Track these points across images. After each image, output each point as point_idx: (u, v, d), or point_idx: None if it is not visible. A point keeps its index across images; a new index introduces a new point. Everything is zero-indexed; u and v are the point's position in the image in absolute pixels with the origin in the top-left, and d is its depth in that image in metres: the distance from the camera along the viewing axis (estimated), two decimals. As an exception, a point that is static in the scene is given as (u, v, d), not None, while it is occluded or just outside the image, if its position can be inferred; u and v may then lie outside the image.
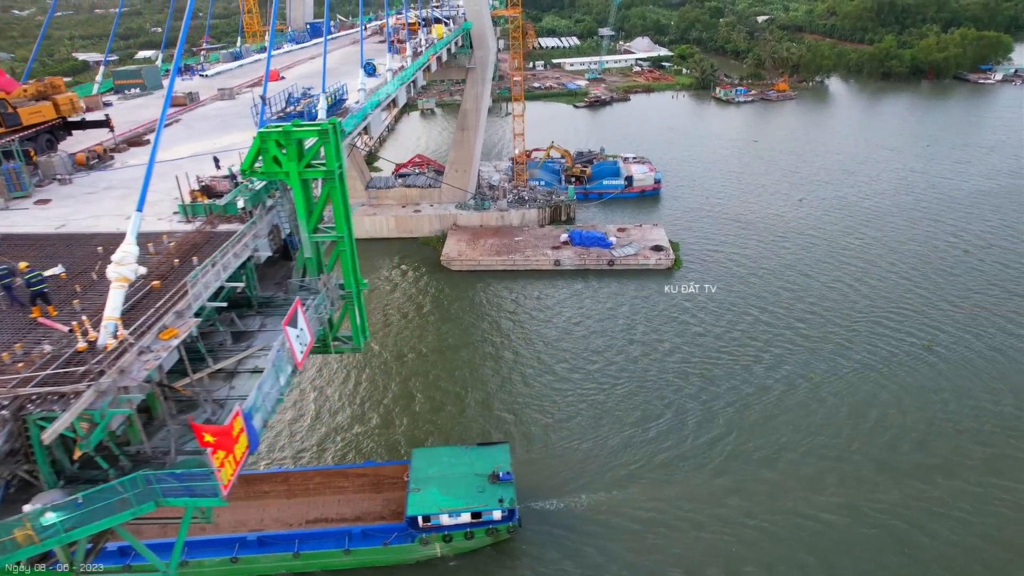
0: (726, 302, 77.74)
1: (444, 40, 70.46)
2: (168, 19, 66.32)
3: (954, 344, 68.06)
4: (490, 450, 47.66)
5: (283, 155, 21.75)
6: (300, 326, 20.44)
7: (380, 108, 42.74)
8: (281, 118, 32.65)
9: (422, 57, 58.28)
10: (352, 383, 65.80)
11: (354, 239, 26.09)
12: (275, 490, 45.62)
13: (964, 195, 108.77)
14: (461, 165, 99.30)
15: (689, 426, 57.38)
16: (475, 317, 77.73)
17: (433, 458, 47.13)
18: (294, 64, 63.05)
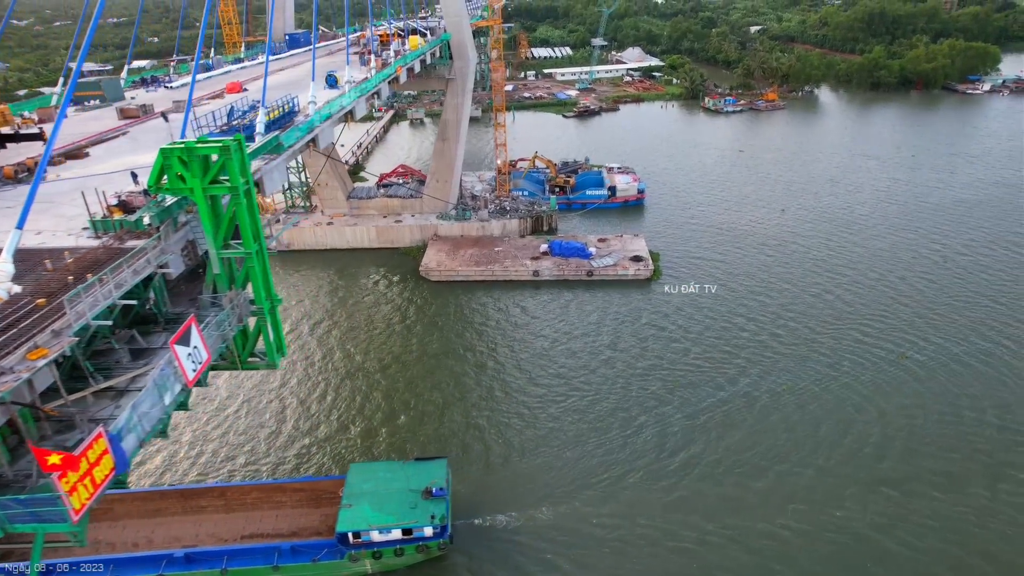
0: (706, 312, 77.32)
1: (415, 52, 70.25)
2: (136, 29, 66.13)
3: (934, 353, 67.64)
4: (427, 465, 47.21)
5: (187, 172, 21.32)
6: (194, 344, 19.97)
7: (332, 120, 42.31)
8: (224, 132, 32.32)
9: (388, 69, 57.94)
10: (324, 393, 65.24)
11: (267, 254, 25.60)
12: (212, 505, 44.99)
13: (946, 204, 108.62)
14: (442, 175, 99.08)
15: (663, 442, 56.72)
16: (451, 328, 77.24)
17: (369, 473, 46.64)
18: (274, 73, 62.78)
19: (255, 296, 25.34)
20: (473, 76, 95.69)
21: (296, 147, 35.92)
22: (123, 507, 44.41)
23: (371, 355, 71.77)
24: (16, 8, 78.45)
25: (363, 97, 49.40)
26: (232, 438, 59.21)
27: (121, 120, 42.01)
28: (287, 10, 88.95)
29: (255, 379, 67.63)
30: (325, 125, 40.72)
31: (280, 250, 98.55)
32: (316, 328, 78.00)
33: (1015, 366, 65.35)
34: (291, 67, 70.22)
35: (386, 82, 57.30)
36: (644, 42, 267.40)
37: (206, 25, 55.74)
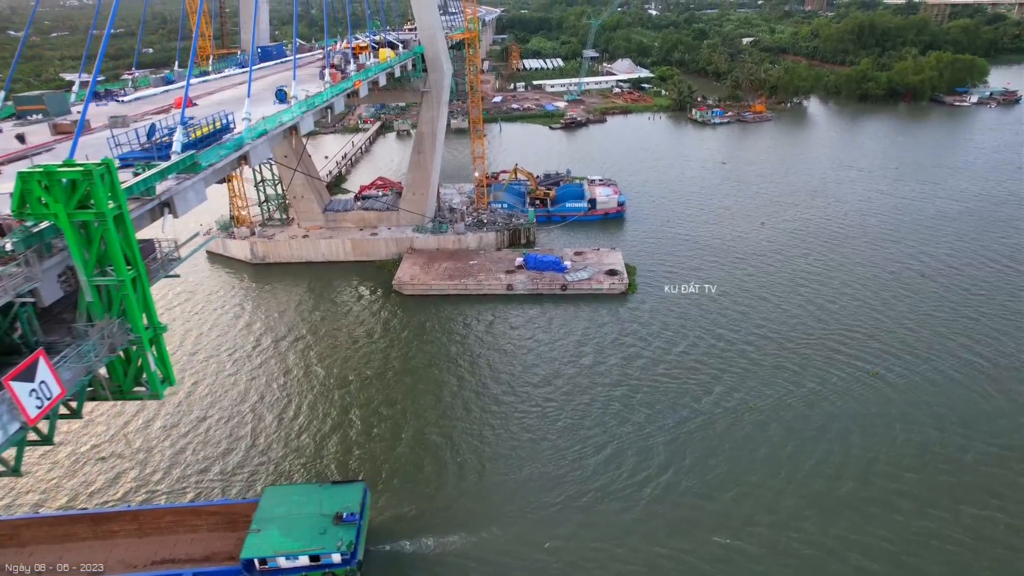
0: (679, 326, 76.56)
1: (378, 66, 69.72)
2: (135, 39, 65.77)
3: (909, 369, 66.80)
4: (343, 489, 46.39)
5: (49, 196, 20.53)
6: (42, 378, 19.14)
7: (269, 138, 41.54)
8: (145, 150, 31.68)
9: (344, 82, 57.26)
10: (288, 411, 64.29)
11: (146, 281, 24.71)
12: (124, 529, 43.86)
13: (928, 217, 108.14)
14: (418, 188, 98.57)
15: (622, 461, 55.75)
16: (422, 343, 76.35)
17: (283, 497, 45.75)
18: (223, 89, 62.36)
19: (132, 325, 24.39)
20: (449, 88, 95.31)
21: (220, 166, 35.10)
22: (30, 532, 43.26)
23: (339, 371, 70.90)
24: (14, 19, 78.89)
25: (310, 112, 48.63)
26: (189, 456, 58.25)
27: (53, 136, 41.30)
28: (262, 23, 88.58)
29: (215, 398, 66.79)
30: (258, 142, 39.90)
31: (255, 263, 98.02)
32: (285, 343, 77.15)
33: (991, 382, 64.51)
34: (256, 80, 69.55)
35: (342, 96, 56.66)
36: (635, 54, 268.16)
37: (182, 38, 55.49)
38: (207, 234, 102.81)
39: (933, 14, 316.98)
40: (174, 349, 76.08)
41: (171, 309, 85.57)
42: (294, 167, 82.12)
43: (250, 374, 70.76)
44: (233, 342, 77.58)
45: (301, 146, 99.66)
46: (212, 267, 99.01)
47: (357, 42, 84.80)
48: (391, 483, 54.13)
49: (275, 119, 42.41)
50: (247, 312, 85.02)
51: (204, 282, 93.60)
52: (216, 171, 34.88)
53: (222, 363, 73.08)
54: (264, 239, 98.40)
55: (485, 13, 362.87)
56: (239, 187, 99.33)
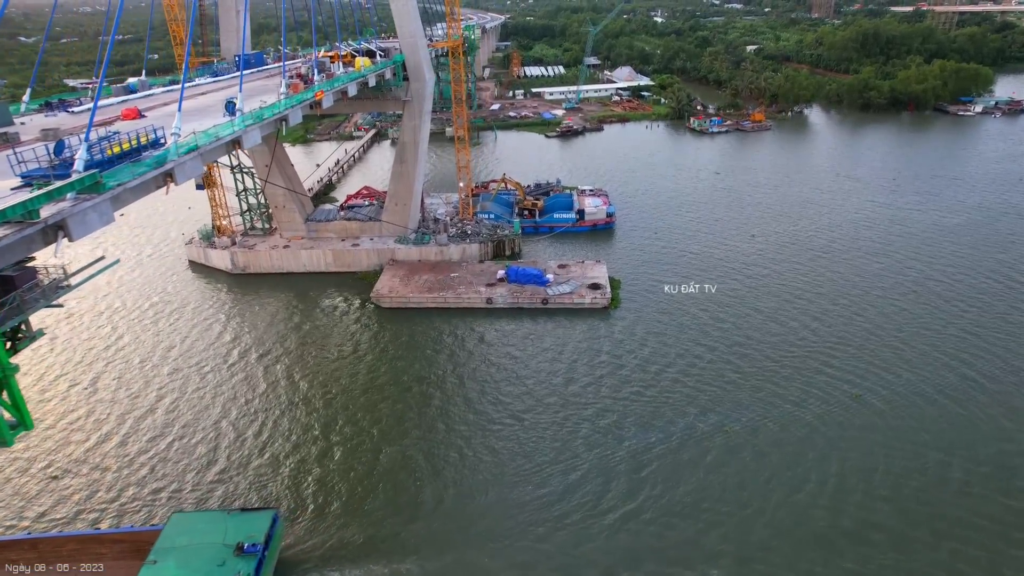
0: (659, 343, 74.49)
1: (349, 76, 68.08)
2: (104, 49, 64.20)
3: (888, 391, 64.48)
4: (252, 517, 44.53)
5: None
6: None
7: (201, 153, 39.77)
8: (53, 168, 30.12)
9: (303, 93, 55.57)
10: (256, 425, 62.69)
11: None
12: (22, 558, 41.87)
13: (923, 229, 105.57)
14: (401, 199, 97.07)
15: (591, 487, 53.69)
16: (396, 358, 74.54)
17: (189, 524, 43.94)
18: (188, 98, 60.93)
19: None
20: (432, 98, 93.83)
21: (133, 185, 33.41)
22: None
23: (309, 387, 69.25)
24: (27, 25, 78.80)
25: (256, 126, 46.90)
26: (145, 474, 56.70)
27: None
28: (241, 31, 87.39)
29: (179, 414, 65.29)
30: (186, 159, 38.16)
31: (236, 273, 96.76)
32: (258, 357, 75.57)
33: (977, 405, 62.05)
34: (221, 90, 68.25)
35: (299, 108, 54.99)
36: (637, 61, 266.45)
37: (149, 47, 54.23)
38: (189, 243, 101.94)
39: (940, 22, 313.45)
40: (143, 361, 74.81)
41: (147, 320, 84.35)
42: (265, 178, 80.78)
43: (218, 390, 69.25)
44: (206, 355, 76.15)
45: (283, 156, 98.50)
46: (193, 277, 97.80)
47: (331, 51, 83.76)
48: (345, 507, 52.38)
49: (211, 134, 40.81)
50: (223, 324, 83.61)
51: (183, 292, 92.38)
52: (131, 191, 33.27)
53: (192, 378, 71.60)
54: (244, 249, 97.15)
55: (489, 20, 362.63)
56: (220, 196, 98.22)
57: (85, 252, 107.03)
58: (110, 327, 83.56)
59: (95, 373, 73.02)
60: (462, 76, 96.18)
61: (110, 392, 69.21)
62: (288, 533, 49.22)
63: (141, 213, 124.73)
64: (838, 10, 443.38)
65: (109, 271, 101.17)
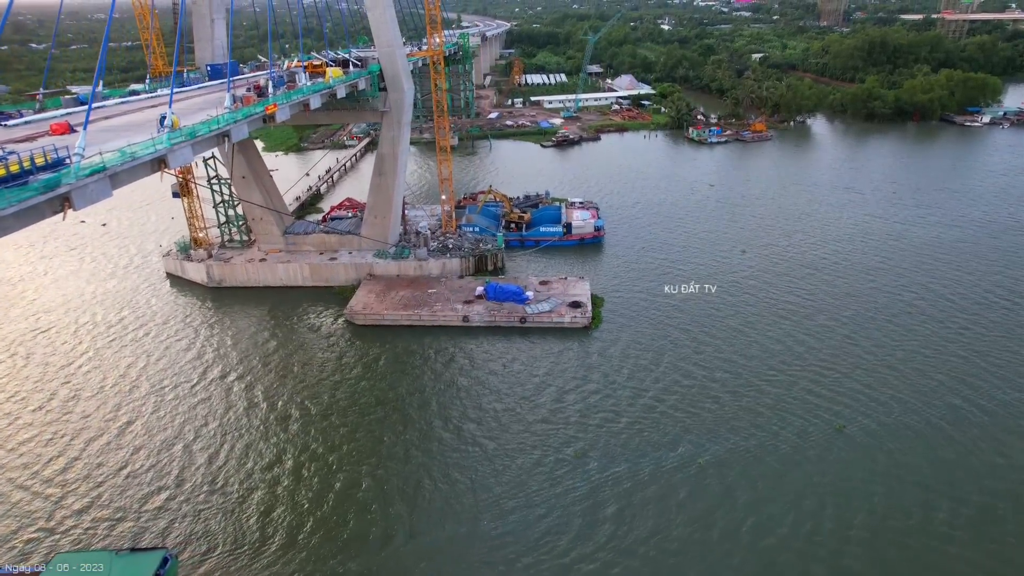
0: (636, 367, 71.44)
1: (313, 87, 65.65)
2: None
3: (870, 420, 61.11)
4: (141, 558, 42.18)
5: None
6: None
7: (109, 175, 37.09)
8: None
9: (248, 108, 52.93)
10: (224, 451, 60.14)
11: None
12: None
13: (922, 245, 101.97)
14: (380, 212, 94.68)
15: (543, 528, 50.72)
16: (363, 379, 71.83)
17: (72, 565, 41.51)
18: (141, 110, 58.91)
19: None
20: (411, 108, 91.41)
21: (8, 213, 30.85)
22: None
23: (281, 409, 66.53)
24: (40, 31, 78.08)
25: (187, 144, 44.34)
26: (104, 500, 54.29)
27: None
28: (215, 39, 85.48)
29: (147, 438, 62.89)
30: (88, 182, 35.53)
31: (212, 287, 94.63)
32: (231, 376, 72.99)
33: (967, 436, 58.61)
34: (182, 100, 65.82)
35: (245, 123, 52.41)
36: (639, 69, 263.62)
37: (105, 52, 52.13)
38: (167, 255, 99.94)
39: (950, 30, 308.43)
40: (107, 380, 72.56)
41: (117, 336, 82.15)
42: (229, 189, 78.47)
43: (188, 412, 66.58)
44: (172, 375, 73.69)
45: (260, 167, 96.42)
46: (169, 290, 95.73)
47: (298, 61, 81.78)
48: (286, 543, 49.67)
49: (126, 153, 38.28)
50: (197, 340, 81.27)
51: (157, 306, 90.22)
52: (12, 218, 30.77)
53: (162, 398, 69.09)
54: (221, 262, 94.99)
55: (493, 27, 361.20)
56: (197, 207, 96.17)
57: (61, 260, 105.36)
58: (79, 343, 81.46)
59: (54, 392, 70.83)
60: (443, 86, 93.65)
61: (66, 413, 66.92)
62: (210, 572, 46.54)
63: (123, 223, 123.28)
64: (847, 18, 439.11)
65: (84, 283, 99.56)
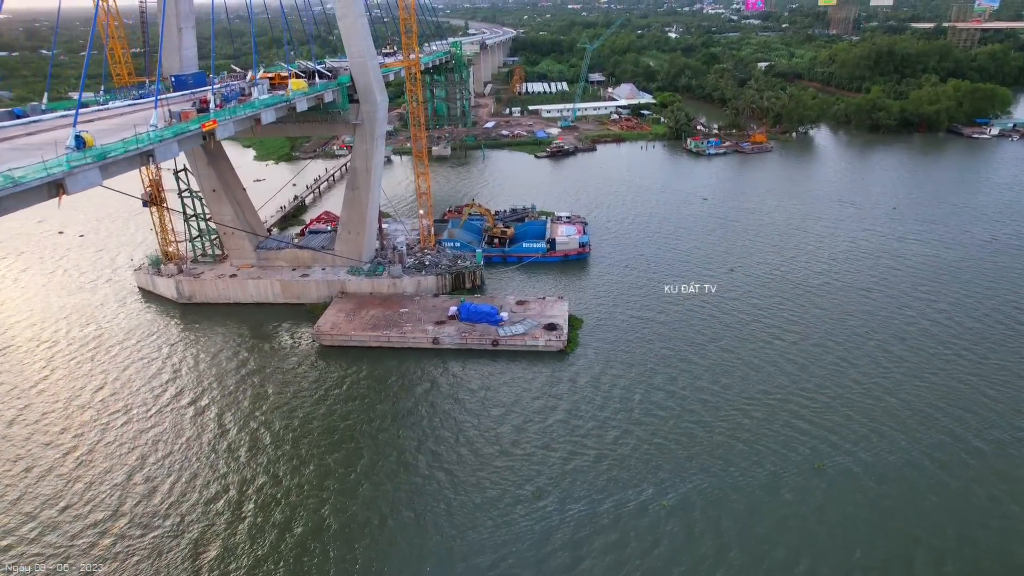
0: (611, 395, 67.82)
1: (264, 100, 62.52)
2: None
3: (848, 458, 57.12)
4: None
5: None
6: None
7: None
8: None
9: (181, 125, 49.59)
10: (167, 484, 57.01)
11: None
12: None
13: (921, 264, 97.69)
14: (354, 227, 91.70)
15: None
16: (328, 403, 68.54)
17: None
18: (67, 127, 56.01)
19: None
20: (384, 120, 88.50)
21: None
22: None
23: (236, 436, 63.49)
24: (52, 38, 76.52)
25: (94, 166, 41.12)
26: (43, 538, 51.25)
27: None
28: (184, 49, 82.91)
29: (89, 468, 59.91)
30: None
31: (182, 303, 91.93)
32: (191, 399, 69.90)
33: (953, 477, 54.50)
34: (133, 113, 62.95)
35: (173, 141, 49.18)
36: (641, 78, 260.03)
37: (53, 61, 49.41)
38: (138, 269, 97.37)
39: (961, 39, 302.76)
40: (68, 402, 69.61)
41: (83, 354, 79.47)
42: (193, 205, 75.59)
43: (138, 439, 63.48)
44: (135, 397, 70.72)
45: (232, 179, 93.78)
46: (141, 306, 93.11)
47: (263, 72, 79.13)
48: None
49: (6, 179, 35.16)
50: (160, 360, 78.45)
51: (126, 323, 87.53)
52: None
53: (114, 423, 66.11)
54: (191, 277, 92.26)
55: (496, 35, 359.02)
56: (167, 220, 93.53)
57: (33, 272, 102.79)
58: (43, 361, 78.82)
59: (11, 417, 67.97)
60: (420, 98, 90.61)
61: (20, 439, 64.00)
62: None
63: (101, 233, 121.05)
64: (857, 26, 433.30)
65: (53, 296, 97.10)
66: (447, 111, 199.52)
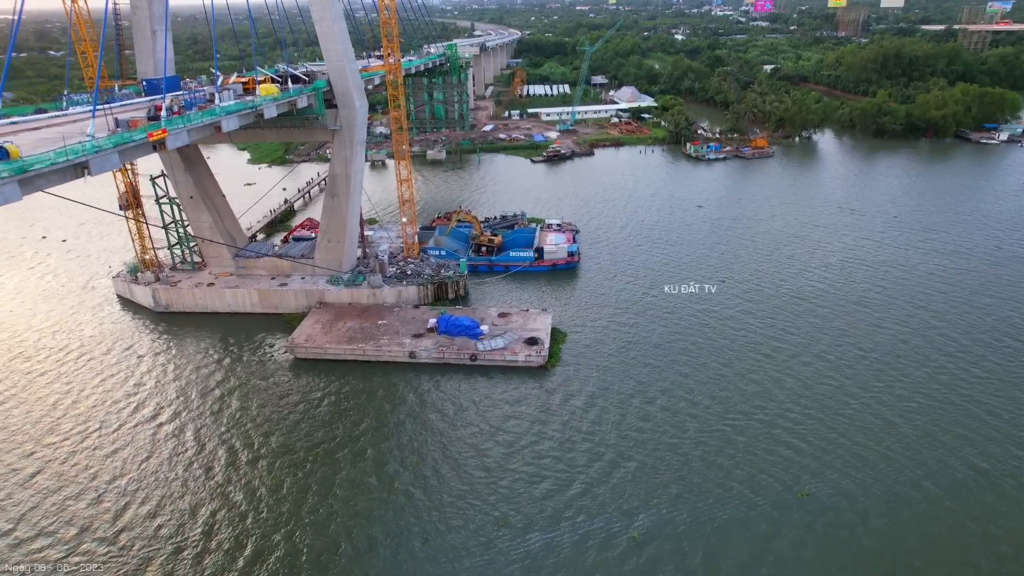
0: (588, 416, 65.00)
1: (225, 107, 59.85)
2: None
3: (833, 488, 54.07)
4: None
5: None
6: None
7: None
8: None
9: (123, 135, 46.94)
10: (132, 509, 54.75)
11: None
12: None
13: (923, 274, 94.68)
14: (334, 236, 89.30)
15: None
16: (302, 420, 65.99)
17: None
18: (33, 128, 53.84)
19: None
20: (364, 126, 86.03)
21: None
22: None
23: (208, 455, 61.48)
24: (62, 39, 75.36)
25: (11, 180, 38.56)
26: None
27: None
28: (157, 52, 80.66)
29: (49, 492, 57.68)
30: None
31: (159, 311, 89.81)
32: (161, 414, 67.78)
33: (945, 511, 51.37)
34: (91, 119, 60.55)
35: (114, 152, 46.56)
36: (644, 81, 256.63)
37: (9, 62, 47.18)
38: (116, 276, 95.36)
39: (972, 41, 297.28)
40: (35, 420, 67.26)
41: (53, 367, 77.38)
42: (172, 212, 73.26)
43: (106, 459, 61.12)
44: (102, 412, 68.43)
45: (211, 185, 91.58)
46: (118, 314, 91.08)
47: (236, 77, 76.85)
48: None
49: None
50: (134, 373, 76.27)
51: (101, 333, 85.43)
52: None
53: (81, 442, 63.79)
54: (168, 286, 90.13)
55: (498, 37, 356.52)
56: (144, 227, 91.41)
57: (9, 278, 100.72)
58: (7, 374, 76.72)
59: (-36, 434, 65.91)
60: (402, 103, 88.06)
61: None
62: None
63: (82, 239, 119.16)
64: (867, 28, 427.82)
65: (29, 304, 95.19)
66: (445, 114, 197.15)
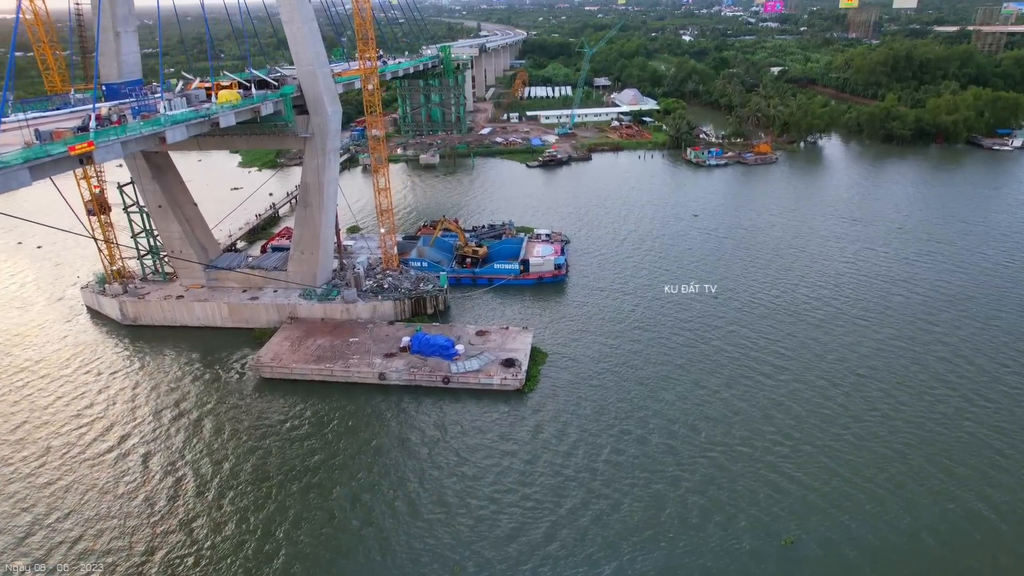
0: (561, 449, 60.60)
1: (157, 120, 54.88)
2: None
3: (821, 533, 49.50)
4: None
5: None
6: None
7: None
8: None
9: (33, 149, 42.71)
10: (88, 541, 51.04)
11: None
12: None
13: (927, 290, 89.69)
14: (307, 247, 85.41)
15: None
16: (260, 447, 62.12)
17: None
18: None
19: None
20: (338, 133, 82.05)
21: None
22: None
23: (159, 484, 57.74)
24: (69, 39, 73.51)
25: None
26: None
27: None
28: (122, 55, 77.06)
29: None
30: None
31: (127, 324, 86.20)
32: (115, 439, 64.14)
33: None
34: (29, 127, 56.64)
35: (21, 168, 42.40)
36: (648, 83, 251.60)
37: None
38: (85, 287, 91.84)
39: (987, 43, 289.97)
40: None
41: (12, 385, 73.87)
42: (142, 221, 69.38)
43: (50, 490, 57.38)
44: (57, 436, 64.77)
45: (182, 194, 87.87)
46: (85, 328, 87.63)
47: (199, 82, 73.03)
48: None
49: None
50: (94, 391, 72.78)
51: (65, 347, 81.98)
52: None
53: (24, 468, 60.10)
54: (135, 298, 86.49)
55: (500, 38, 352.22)
56: (112, 236, 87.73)
57: None
58: (-35, 393, 73.31)
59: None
60: (379, 110, 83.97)
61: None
62: None
63: (55, 247, 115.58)
64: (878, 29, 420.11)
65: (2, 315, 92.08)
66: (442, 117, 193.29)
